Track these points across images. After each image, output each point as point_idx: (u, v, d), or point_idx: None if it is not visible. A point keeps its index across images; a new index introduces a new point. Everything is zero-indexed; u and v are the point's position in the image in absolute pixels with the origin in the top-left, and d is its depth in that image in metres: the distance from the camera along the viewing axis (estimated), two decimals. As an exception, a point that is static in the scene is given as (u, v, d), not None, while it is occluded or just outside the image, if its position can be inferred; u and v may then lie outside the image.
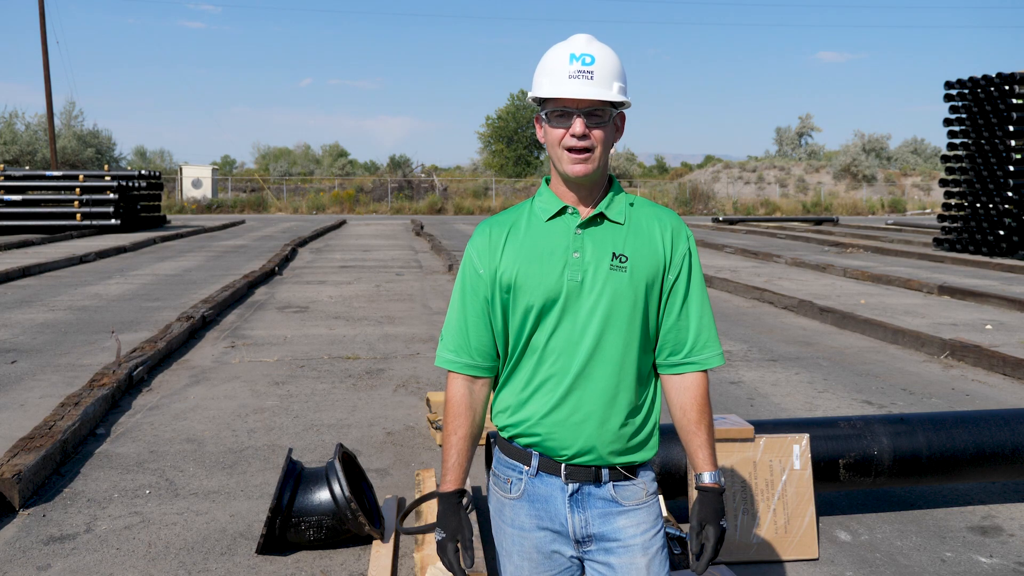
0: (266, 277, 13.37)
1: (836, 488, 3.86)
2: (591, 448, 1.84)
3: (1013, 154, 17.32)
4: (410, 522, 3.84)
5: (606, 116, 1.80)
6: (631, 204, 1.91)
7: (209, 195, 43.52)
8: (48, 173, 24.01)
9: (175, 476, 4.48)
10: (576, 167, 1.80)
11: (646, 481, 1.90)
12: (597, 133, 1.80)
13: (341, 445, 3.69)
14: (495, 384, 1.97)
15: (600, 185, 1.89)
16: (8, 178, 23.16)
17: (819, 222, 32.05)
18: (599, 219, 1.87)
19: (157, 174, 27.23)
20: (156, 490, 4.28)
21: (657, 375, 1.94)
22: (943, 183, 19.62)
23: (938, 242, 19.49)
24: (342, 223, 30.80)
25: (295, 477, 3.57)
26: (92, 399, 5.38)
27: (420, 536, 3.54)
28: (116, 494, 4.21)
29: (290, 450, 3.72)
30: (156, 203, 27.74)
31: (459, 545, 1.88)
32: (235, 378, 6.67)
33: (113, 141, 47.29)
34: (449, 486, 1.92)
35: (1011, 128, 17.11)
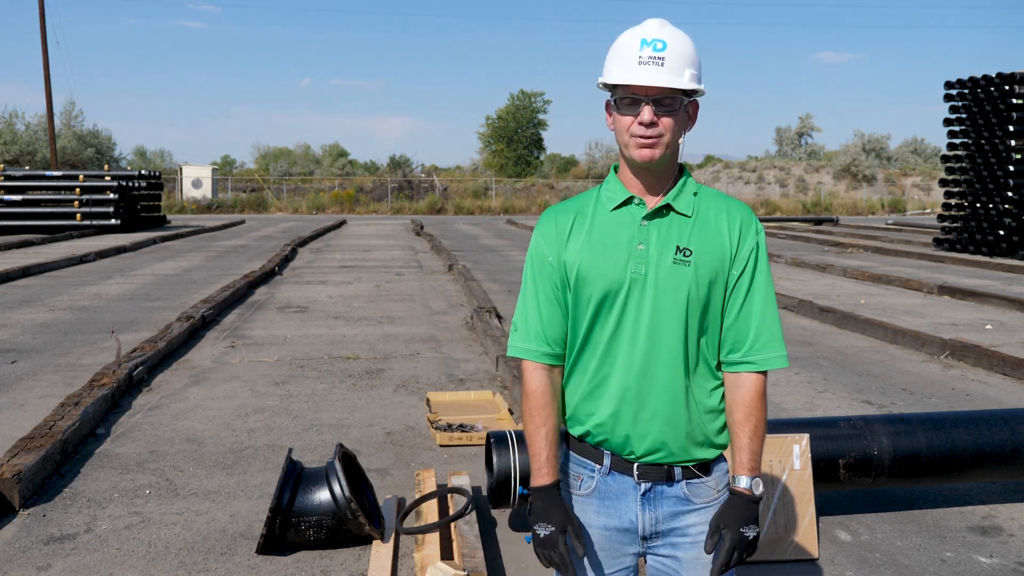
0: (266, 277, 13.37)
1: (836, 488, 3.86)
2: (660, 446, 1.81)
3: (1013, 154, 17.31)
4: (410, 522, 3.84)
5: (676, 104, 1.75)
6: (695, 193, 1.85)
7: (209, 195, 43.52)
8: (48, 173, 24.03)
9: (175, 476, 4.48)
10: (642, 151, 1.76)
11: (717, 477, 1.88)
12: (666, 121, 1.75)
13: (341, 445, 3.69)
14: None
15: (669, 174, 1.84)
16: (8, 178, 23.17)
17: (819, 222, 32.06)
18: (665, 211, 1.82)
19: (157, 174, 27.24)
20: (156, 490, 4.28)
21: None
22: (943, 183, 19.62)
23: (938, 242, 19.49)
24: (342, 223, 30.81)
25: (295, 477, 3.57)
26: (92, 399, 5.38)
27: (420, 536, 3.54)
28: (116, 494, 4.21)
29: (290, 450, 3.72)
30: (156, 203, 27.74)
31: (566, 537, 1.80)
32: (235, 378, 6.67)
33: (113, 141, 47.34)
34: (547, 479, 1.84)
35: (1011, 128, 17.11)
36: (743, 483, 1.83)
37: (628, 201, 1.83)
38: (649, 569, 1.91)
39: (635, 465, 1.83)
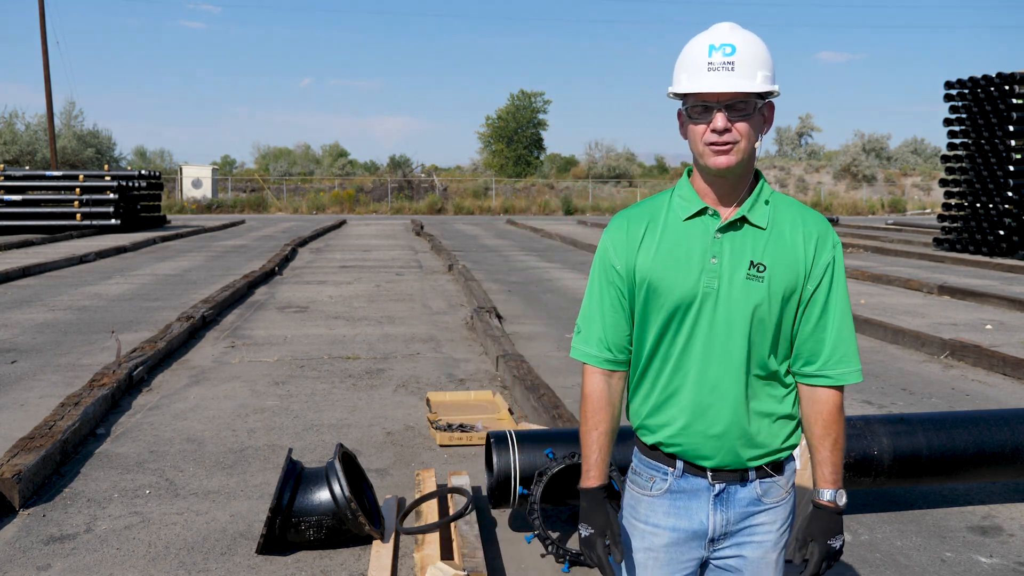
0: (266, 277, 13.37)
1: (836, 488, 3.85)
2: (734, 458, 1.81)
3: (1013, 154, 17.32)
4: (410, 522, 3.84)
5: (750, 107, 1.71)
6: (766, 202, 1.81)
7: (209, 195, 43.51)
8: (48, 173, 24.02)
9: (175, 476, 4.48)
10: (719, 159, 1.72)
11: (788, 476, 1.88)
12: (741, 126, 1.71)
13: (341, 445, 3.69)
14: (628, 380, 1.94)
15: (745, 180, 1.79)
16: (8, 178, 23.17)
17: (819, 222, 31.98)
18: (740, 223, 1.79)
19: (157, 174, 27.23)
20: (156, 490, 4.28)
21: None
22: (943, 183, 19.63)
23: (938, 242, 19.49)
24: (342, 223, 30.81)
25: (295, 477, 3.57)
26: (92, 399, 5.38)
27: (420, 536, 3.54)
28: (116, 494, 4.21)
29: (290, 450, 3.72)
30: (156, 203, 27.74)
31: (607, 540, 1.83)
32: (235, 378, 6.67)
33: (113, 141, 47.32)
34: (593, 482, 1.87)
35: (1011, 128, 17.11)
36: (827, 496, 1.84)
37: (702, 211, 1.80)
38: (710, 572, 1.90)
39: (708, 470, 1.83)
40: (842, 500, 1.84)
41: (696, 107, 1.73)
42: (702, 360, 1.78)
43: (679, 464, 1.84)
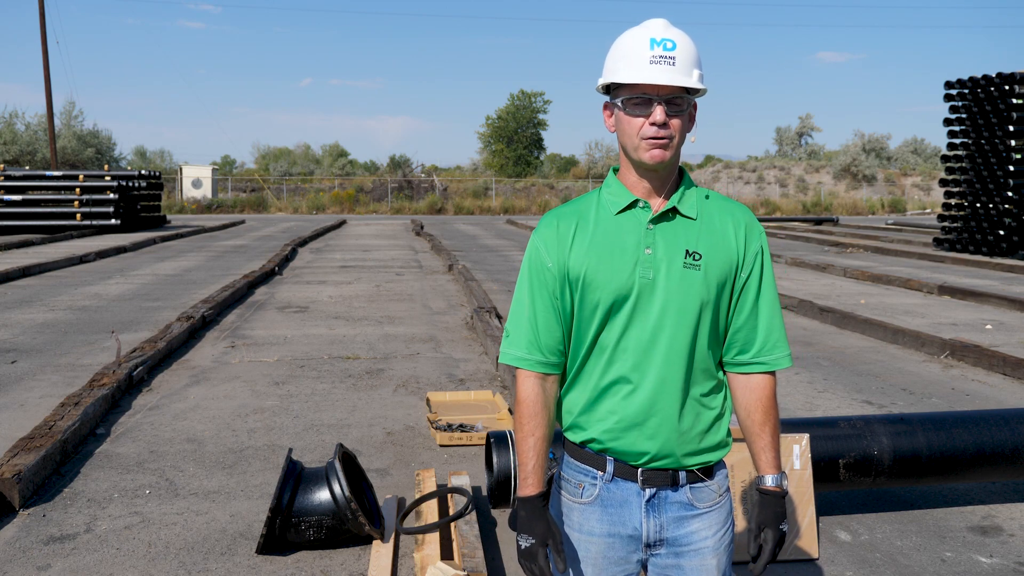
0: (266, 277, 13.37)
1: (836, 488, 3.86)
2: (667, 452, 1.79)
3: (1013, 154, 17.31)
4: (410, 522, 3.84)
5: (684, 104, 1.74)
6: (706, 197, 1.84)
7: (209, 195, 43.50)
8: (48, 173, 24.00)
9: (175, 476, 4.48)
10: (654, 152, 1.74)
11: (719, 481, 1.87)
12: (675, 122, 1.74)
13: (341, 445, 3.69)
14: (562, 382, 1.91)
15: (671, 176, 1.82)
16: (8, 178, 23.15)
17: (819, 222, 32.04)
18: (671, 214, 1.80)
19: (157, 174, 27.22)
20: (156, 490, 4.28)
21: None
22: (943, 183, 19.62)
23: (938, 242, 19.48)
24: (342, 223, 30.80)
25: (295, 477, 3.57)
26: (92, 399, 5.38)
27: (420, 536, 3.54)
28: (116, 494, 4.21)
29: (290, 450, 3.72)
30: (156, 203, 27.73)
31: (548, 551, 1.79)
32: (235, 378, 6.67)
33: (113, 141, 47.31)
34: (531, 489, 1.82)
35: (1011, 128, 17.10)
36: (772, 481, 1.86)
37: (633, 204, 1.81)
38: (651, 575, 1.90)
39: (639, 471, 1.81)
40: (785, 484, 1.87)
41: (634, 99, 1.74)
42: (641, 351, 1.78)
43: (609, 467, 1.82)
